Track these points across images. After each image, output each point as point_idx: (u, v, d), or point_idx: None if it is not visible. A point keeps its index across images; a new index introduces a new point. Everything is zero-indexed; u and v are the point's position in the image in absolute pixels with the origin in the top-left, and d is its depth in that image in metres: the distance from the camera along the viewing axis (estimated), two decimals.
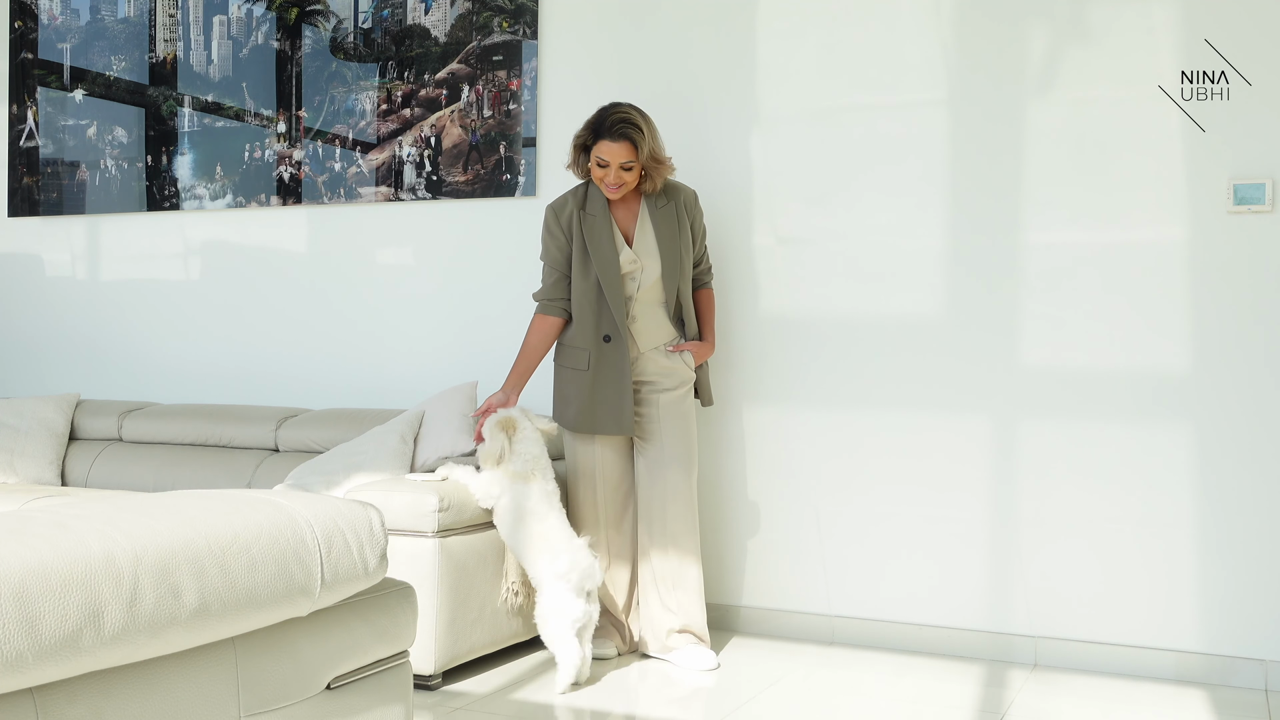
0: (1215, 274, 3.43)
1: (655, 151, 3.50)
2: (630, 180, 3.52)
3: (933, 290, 3.75)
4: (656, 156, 3.51)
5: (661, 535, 3.56)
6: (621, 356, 3.54)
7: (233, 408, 4.47)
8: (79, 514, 1.60)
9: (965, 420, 3.71)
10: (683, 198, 3.65)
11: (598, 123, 3.49)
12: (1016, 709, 3.16)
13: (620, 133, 3.45)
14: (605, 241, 3.55)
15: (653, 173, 3.54)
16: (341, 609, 1.94)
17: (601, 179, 3.51)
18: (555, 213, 3.60)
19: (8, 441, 4.38)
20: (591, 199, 3.59)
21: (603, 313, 3.55)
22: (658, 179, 3.56)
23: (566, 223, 3.57)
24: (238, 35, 4.78)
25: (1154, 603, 3.50)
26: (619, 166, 3.47)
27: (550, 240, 3.60)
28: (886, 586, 3.81)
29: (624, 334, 3.54)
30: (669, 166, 3.57)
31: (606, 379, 3.54)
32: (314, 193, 4.63)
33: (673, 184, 3.67)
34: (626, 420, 3.54)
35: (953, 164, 3.73)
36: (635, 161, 3.48)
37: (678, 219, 3.62)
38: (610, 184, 3.50)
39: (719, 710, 3.12)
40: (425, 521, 3.25)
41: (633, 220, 3.62)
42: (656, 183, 3.57)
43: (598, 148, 3.48)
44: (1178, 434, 3.48)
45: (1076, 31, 3.57)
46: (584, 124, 3.55)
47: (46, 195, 5.15)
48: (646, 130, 3.48)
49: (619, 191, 3.53)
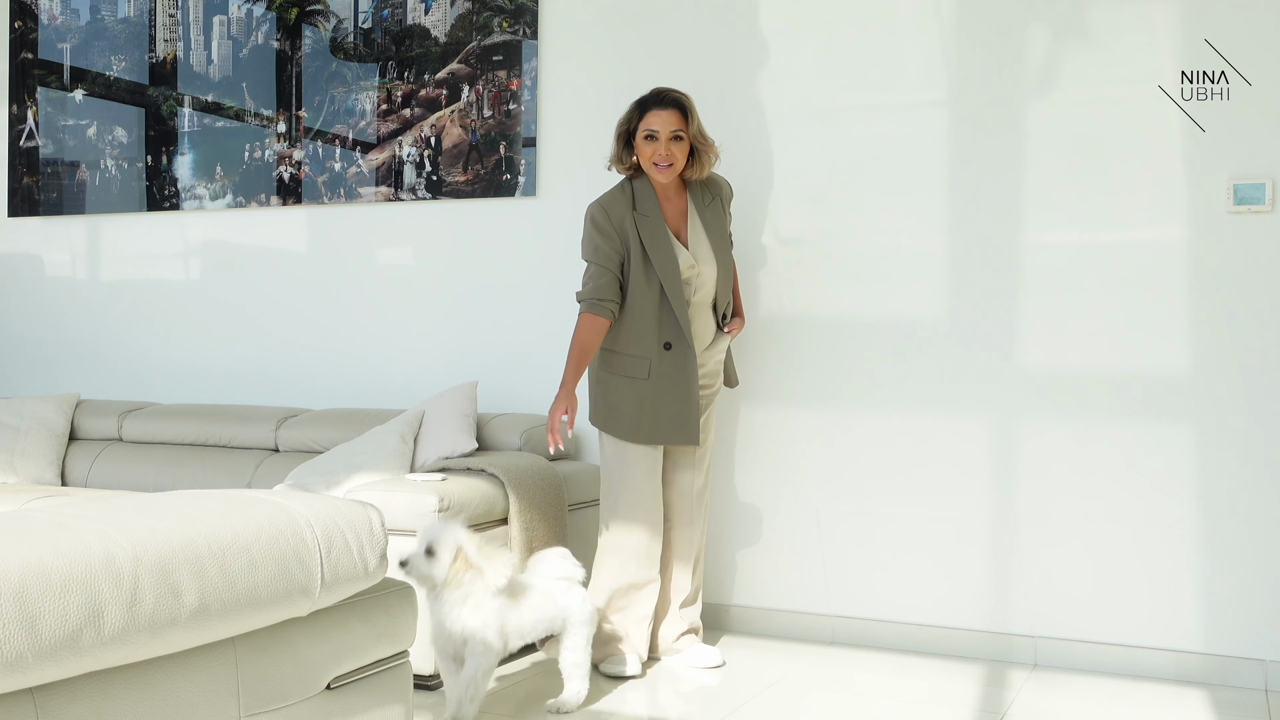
0: (1215, 274, 3.43)
1: (702, 127, 3.41)
2: (680, 157, 3.37)
3: (933, 290, 3.75)
4: (703, 133, 3.41)
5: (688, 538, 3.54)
6: (687, 363, 3.39)
7: (233, 408, 4.47)
8: (79, 514, 1.60)
9: (965, 420, 3.71)
10: (725, 193, 3.55)
11: (642, 100, 3.40)
12: (1016, 709, 3.16)
13: (670, 99, 3.36)
14: (664, 245, 3.39)
15: (701, 152, 3.41)
16: (341, 609, 1.94)
17: (651, 156, 3.36)
18: (606, 211, 3.41)
19: (8, 441, 4.38)
20: (641, 197, 3.42)
21: (664, 319, 3.39)
22: (706, 161, 3.43)
23: (619, 223, 3.39)
24: (238, 35, 4.78)
25: (1154, 603, 3.50)
26: (669, 137, 3.34)
27: (603, 240, 3.38)
28: (886, 586, 3.81)
29: (687, 339, 3.40)
30: (715, 150, 3.44)
31: (670, 388, 3.39)
32: (314, 193, 4.63)
33: (716, 179, 3.56)
34: (693, 429, 3.41)
35: (953, 164, 3.73)
36: (685, 132, 3.36)
37: (724, 215, 3.54)
38: (661, 159, 3.35)
39: (719, 710, 3.12)
40: (425, 522, 3.25)
41: (683, 220, 3.47)
42: (705, 165, 3.43)
43: (645, 120, 3.36)
44: (1177, 434, 3.48)
45: (1076, 32, 3.57)
46: (625, 111, 3.44)
47: (46, 195, 5.15)
48: (693, 103, 3.40)
49: (669, 172, 3.37)
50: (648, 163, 3.38)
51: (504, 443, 3.95)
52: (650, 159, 3.37)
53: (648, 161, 3.38)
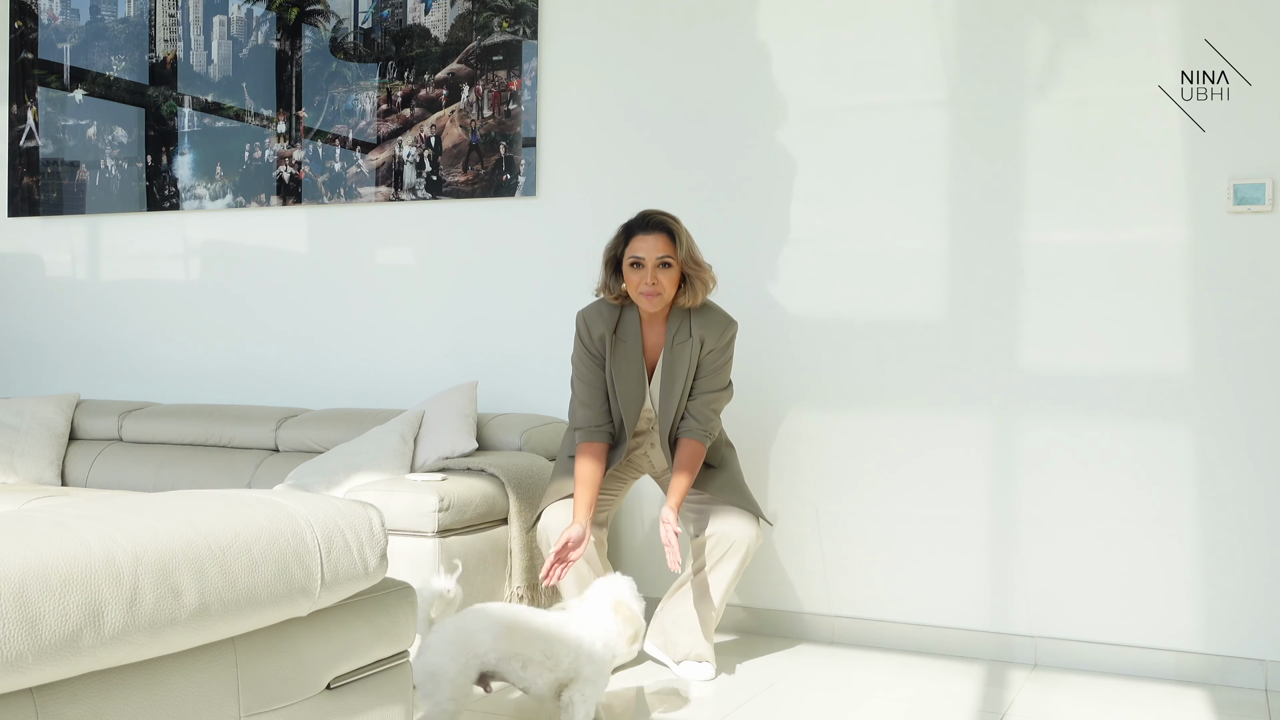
0: (1215, 274, 3.43)
1: (694, 252, 3.25)
2: (668, 285, 3.21)
3: (932, 290, 3.75)
4: (696, 258, 3.24)
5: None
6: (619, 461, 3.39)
7: (233, 408, 4.47)
8: (79, 514, 1.60)
9: (965, 420, 3.71)
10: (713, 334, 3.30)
11: (628, 224, 3.27)
12: (1016, 709, 3.16)
13: (656, 223, 3.21)
14: (632, 381, 3.31)
15: (693, 278, 3.24)
16: (341, 609, 1.94)
17: (638, 285, 3.20)
18: (588, 325, 3.32)
19: (8, 441, 4.38)
20: (625, 319, 3.31)
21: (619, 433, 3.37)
22: (699, 287, 3.25)
23: (599, 341, 3.30)
24: (238, 35, 4.78)
25: (1154, 603, 3.50)
26: (656, 263, 3.18)
27: (585, 356, 3.33)
28: (886, 586, 3.81)
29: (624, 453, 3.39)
30: (710, 275, 3.27)
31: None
32: (314, 193, 4.63)
33: (712, 315, 3.32)
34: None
35: (953, 164, 3.73)
36: (673, 258, 3.20)
37: (689, 360, 3.30)
38: (647, 289, 3.19)
39: (719, 710, 3.12)
40: (425, 521, 3.25)
41: (658, 350, 3.35)
42: (698, 294, 3.25)
43: (631, 246, 3.21)
44: (1177, 434, 3.48)
45: (1076, 31, 3.57)
46: (612, 237, 3.32)
47: (46, 195, 5.15)
48: (682, 227, 3.26)
49: (657, 301, 3.21)
50: (635, 292, 3.23)
51: (504, 443, 3.95)
52: (637, 288, 3.21)
53: (635, 290, 3.23)
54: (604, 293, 3.33)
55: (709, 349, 3.31)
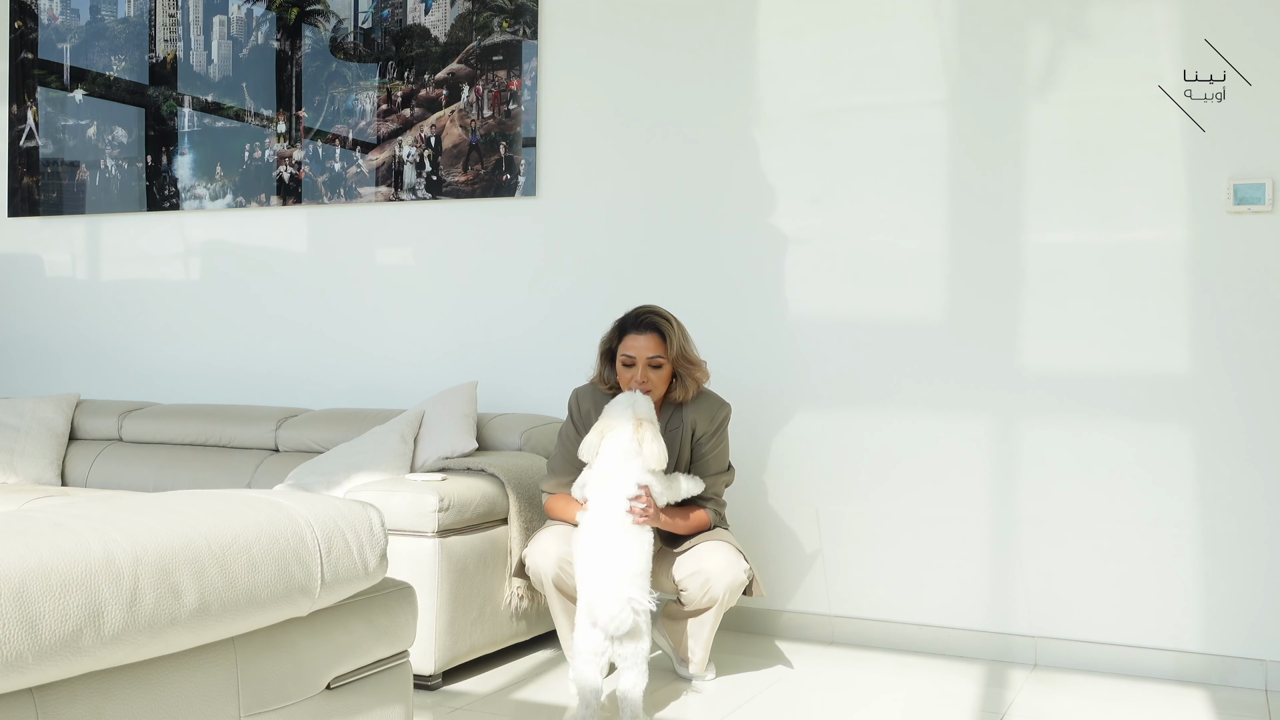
0: (1215, 274, 3.43)
1: (686, 350, 3.27)
2: (659, 383, 3.24)
3: (933, 290, 3.75)
4: (688, 356, 3.27)
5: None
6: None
7: (233, 408, 4.47)
8: (79, 514, 1.59)
9: (965, 420, 3.71)
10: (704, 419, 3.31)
11: (622, 321, 3.30)
12: (1016, 709, 3.16)
13: (648, 323, 3.24)
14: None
15: (685, 375, 3.27)
16: (341, 609, 1.94)
17: (628, 383, 3.23)
18: (579, 402, 3.37)
19: (8, 441, 4.38)
20: None
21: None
22: (690, 384, 3.28)
23: (586, 416, 3.33)
24: (238, 35, 4.78)
25: (1154, 603, 3.50)
26: (646, 363, 3.22)
27: (570, 434, 3.35)
28: (886, 586, 3.81)
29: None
30: (703, 370, 3.30)
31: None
32: (314, 193, 4.63)
33: (704, 400, 3.34)
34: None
35: (953, 164, 3.72)
36: (664, 358, 3.23)
37: (678, 445, 3.31)
38: (639, 386, 3.22)
39: (719, 710, 3.12)
40: (425, 521, 3.25)
41: None
42: (689, 389, 3.28)
43: (623, 344, 3.25)
44: (1178, 434, 3.48)
45: (1076, 32, 3.57)
46: (607, 330, 3.35)
47: (46, 195, 5.15)
48: (676, 326, 3.27)
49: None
50: (626, 388, 3.26)
51: (504, 443, 3.95)
52: (628, 385, 3.25)
53: (626, 387, 3.26)
54: (598, 383, 3.38)
55: (701, 433, 3.32)
